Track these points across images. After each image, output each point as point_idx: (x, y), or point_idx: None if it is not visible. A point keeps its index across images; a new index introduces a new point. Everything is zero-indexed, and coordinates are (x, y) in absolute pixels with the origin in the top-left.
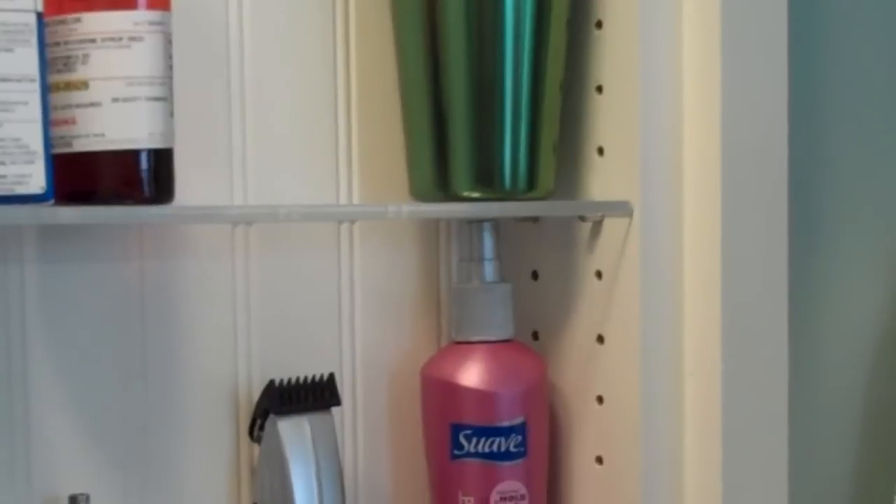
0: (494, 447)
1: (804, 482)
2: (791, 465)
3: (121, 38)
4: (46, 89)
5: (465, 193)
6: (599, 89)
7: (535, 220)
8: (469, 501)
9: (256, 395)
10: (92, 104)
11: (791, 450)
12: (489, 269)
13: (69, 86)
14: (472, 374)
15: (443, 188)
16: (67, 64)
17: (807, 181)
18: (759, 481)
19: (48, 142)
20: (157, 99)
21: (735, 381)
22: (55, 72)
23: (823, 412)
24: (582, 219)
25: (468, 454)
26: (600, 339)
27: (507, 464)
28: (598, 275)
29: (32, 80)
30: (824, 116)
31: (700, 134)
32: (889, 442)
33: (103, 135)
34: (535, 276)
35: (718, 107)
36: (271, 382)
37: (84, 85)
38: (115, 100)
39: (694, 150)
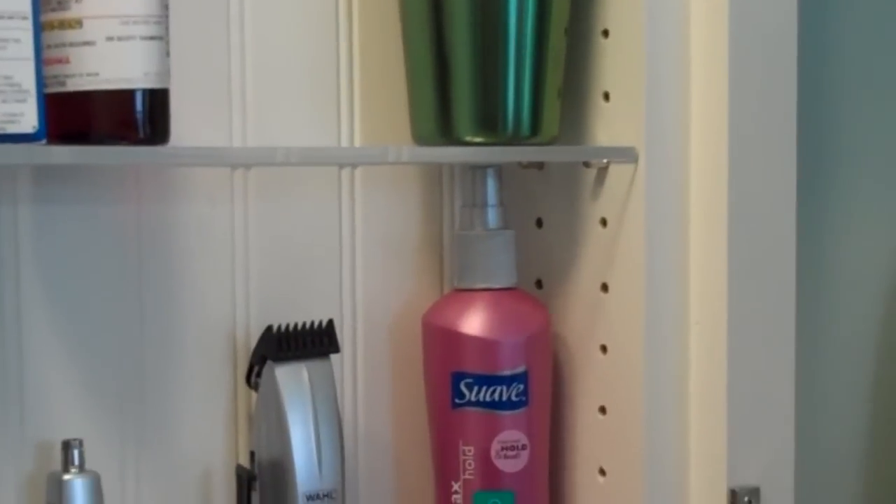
0: (496, 396)
1: (811, 431)
2: (798, 414)
3: None
4: (39, 27)
5: (468, 138)
6: (605, 33)
7: (539, 166)
8: (469, 451)
9: (254, 342)
10: (86, 43)
11: (798, 400)
12: (492, 216)
13: (63, 24)
14: (473, 322)
15: (445, 133)
16: (61, 2)
17: (816, 122)
18: (765, 431)
19: (41, 80)
20: (152, 38)
21: (741, 331)
22: (48, 10)
23: (831, 361)
24: (586, 165)
25: (469, 403)
26: (604, 287)
27: (508, 413)
28: (603, 222)
29: (25, 18)
30: (836, 58)
31: (707, 79)
32: None
33: (97, 74)
34: (538, 223)
35: (726, 51)
36: (269, 328)
37: (78, 23)
38: (110, 38)
39: (701, 95)
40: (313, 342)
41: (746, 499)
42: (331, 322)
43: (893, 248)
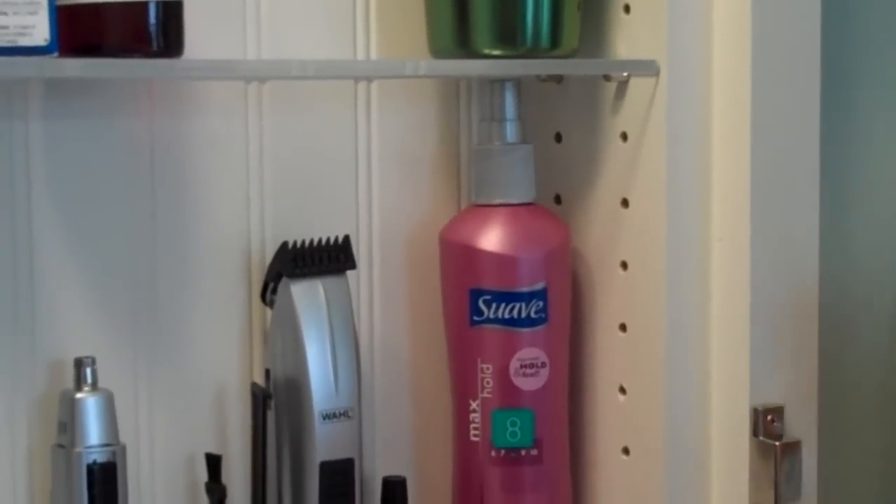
0: (514, 313)
1: (836, 348)
2: (822, 331)
3: None
4: None
5: (487, 51)
6: None
7: (558, 79)
8: (488, 369)
9: (269, 258)
10: None
11: (822, 317)
12: (510, 130)
13: None
14: (492, 238)
15: (463, 46)
16: None
17: (841, 33)
18: (788, 349)
19: None
20: None
21: (764, 247)
22: None
23: (855, 276)
24: (607, 78)
25: (488, 320)
26: (625, 202)
27: (527, 330)
28: (624, 136)
29: None
30: None
31: None
32: None
33: None
34: (558, 138)
35: None
36: (284, 244)
37: None
38: None
39: (723, 6)
40: (329, 258)
41: (769, 417)
42: (347, 238)
43: None
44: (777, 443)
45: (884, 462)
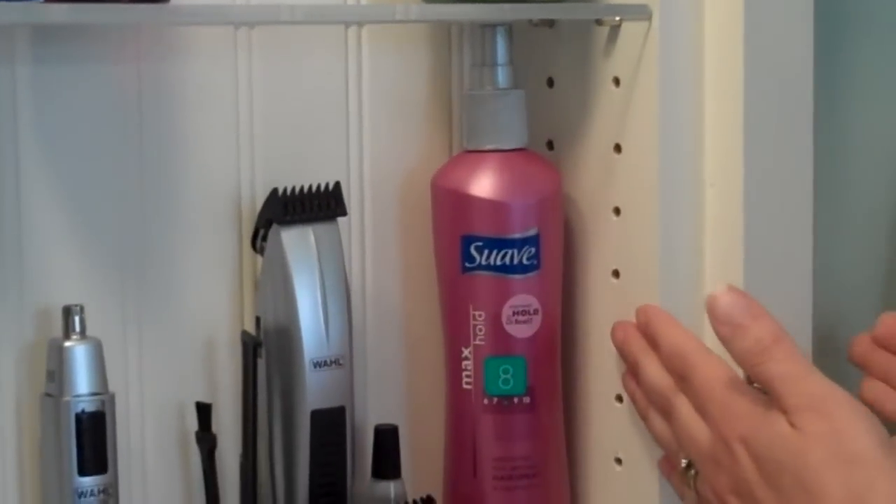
0: (507, 260)
1: (829, 294)
2: (815, 277)
3: None
4: None
5: None
6: None
7: (549, 24)
8: (480, 316)
9: (259, 205)
10: None
11: (815, 262)
12: (502, 75)
13: None
14: (483, 184)
15: None
16: None
17: None
18: (781, 295)
19: None
20: None
21: (757, 193)
22: None
23: (849, 221)
24: (599, 23)
25: (479, 267)
26: (618, 148)
27: (519, 277)
28: (616, 81)
29: None
30: None
31: None
32: None
33: None
34: (550, 83)
35: None
36: (275, 191)
37: None
38: None
39: None
40: (320, 205)
41: None
42: (338, 184)
43: None
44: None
45: None
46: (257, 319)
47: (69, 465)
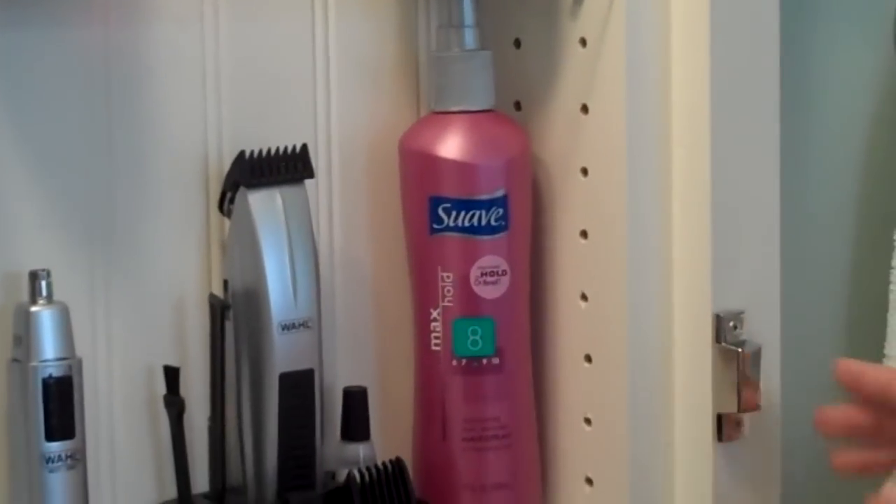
0: (474, 221)
1: (797, 252)
2: (783, 235)
3: None
4: None
5: None
6: None
7: None
8: (448, 277)
9: (227, 167)
10: None
11: (783, 220)
12: (469, 36)
13: None
14: (451, 145)
15: None
16: None
17: None
18: (749, 253)
19: None
20: None
21: (725, 150)
22: None
23: (816, 177)
24: None
25: (447, 228)
26: (584, 109)
27: (487, 238)
28: (583, 42)
29: None
30: None
31: None
32: (887, 206)
33: None
34: (517, 44)
35: None
36: (242, 154)
37: None
38: None
39: None
40: (287, 167)
41: (731, 323)
42: (305, 147)
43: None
44: (740, 349)
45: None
46: (225, 282)
47: (36, 431)
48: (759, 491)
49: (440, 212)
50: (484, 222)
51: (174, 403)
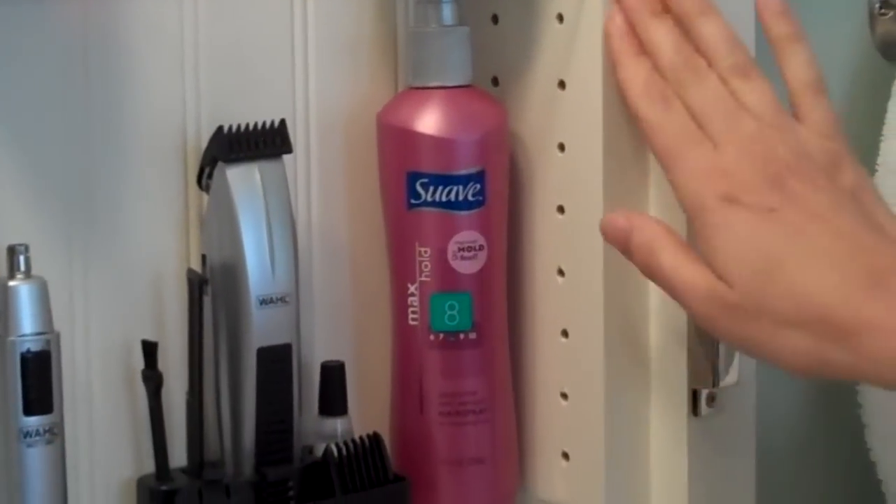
0: (452, 196)
1: None
2: None
3: None
4: None
5: None
6: None
7: None
8: (426, 252)
9: (205, 143)
10: None
11: None
12: (447, 12)
13: None
14: (428, 120)
15: None
16: None
17: None
18: None
19: None
20: None
21: None
22: None
23: None
24: None
25: (425, 203)
26: (562, 84)
27: (465, 213)
28: (560, 18)
29: None
30: None
31: None
32: None
33: None
34: (494, 19)
35: None
36: (220, 129)
37: None
38: None
39: None
40: (265, 142)
41: None
42: (283, 122)
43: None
44: None
45: None
46: (203, 257)
47: (14, 405)
48: (734, 465)
49: (418, 187)
50: (461, 197)
51: (152, 378)
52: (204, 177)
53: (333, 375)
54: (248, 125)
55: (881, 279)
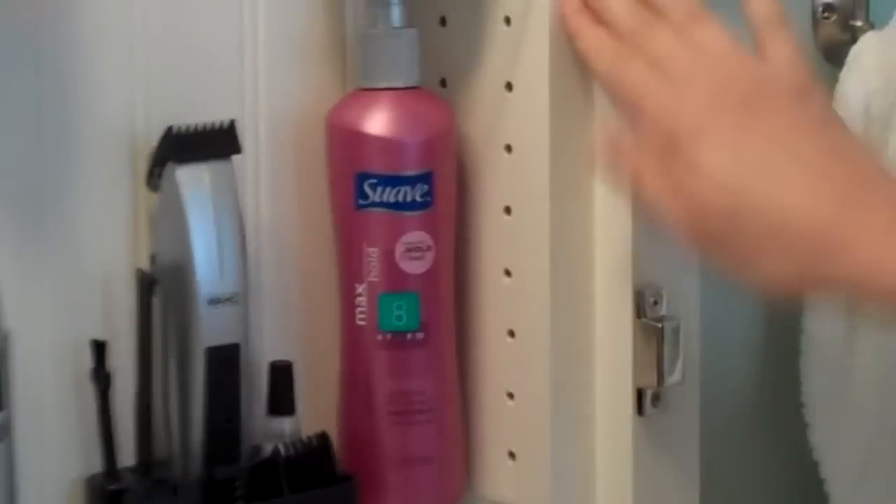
0: (400, 197)
1: None
2: None
3: None
4: None
5: None
6: None
7: None
8: (374, 252)
9: (155, 143)
10: None
11: None
12: (396, 14)
13: None
14: (376, 122)
15: None
16: None
17: None
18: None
19: None
20: None
21: None
22: None
23: None
24: None
25: (373, 204)
26: (509, 86)
27: (412, 214)
28: (507, 21)
29: None
30: None
31: None
32: None
33: None
34: (442, 21)
35: None
36: (169, 129)
37: None
38: None
39: None
40: (214, 143)
41: (652, 299)
42: (232, 122)
43: None
44: (660, 324)
45: (765, 342)
46: (152, 257)
47: None
48: (679, 463)
49: (366, 187)
50: (409, 198)
51: (101, 377)
52: (153, 177)
53: (282, 375)
54: (197, 125)
55: (858, 189)
